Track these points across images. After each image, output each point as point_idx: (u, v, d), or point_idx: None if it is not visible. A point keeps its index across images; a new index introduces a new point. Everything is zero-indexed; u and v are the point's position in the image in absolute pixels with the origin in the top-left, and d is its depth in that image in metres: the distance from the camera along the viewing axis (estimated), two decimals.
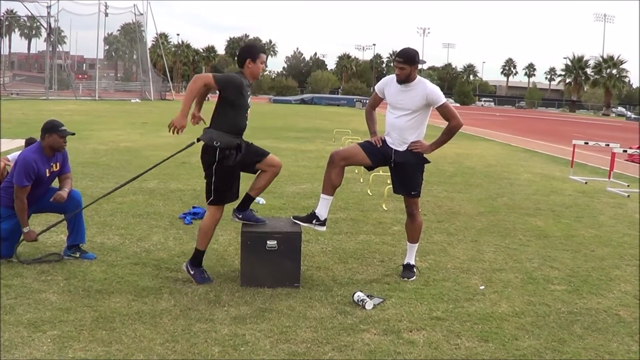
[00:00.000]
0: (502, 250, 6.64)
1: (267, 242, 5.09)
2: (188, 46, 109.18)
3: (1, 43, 55.57)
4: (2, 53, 55.83)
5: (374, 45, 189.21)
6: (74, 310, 4.42)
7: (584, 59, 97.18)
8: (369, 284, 5.31)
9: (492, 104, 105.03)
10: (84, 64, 74.57)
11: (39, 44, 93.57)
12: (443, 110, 5.27)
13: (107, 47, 64.12)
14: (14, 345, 3.82)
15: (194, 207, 7.74)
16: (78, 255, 5.64)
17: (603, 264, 6.30)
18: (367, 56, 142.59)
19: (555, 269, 6.02)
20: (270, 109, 46.45)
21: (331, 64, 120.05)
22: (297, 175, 11.38)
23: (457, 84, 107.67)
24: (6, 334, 3.97)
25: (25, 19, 67.65)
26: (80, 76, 62.07)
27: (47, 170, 5.46)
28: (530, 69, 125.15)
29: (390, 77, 5.42)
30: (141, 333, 4.08)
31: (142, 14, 53.39)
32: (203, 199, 5.40)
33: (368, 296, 4.83)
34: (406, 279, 5.46)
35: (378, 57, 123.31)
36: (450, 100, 70.21)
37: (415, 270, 5.61)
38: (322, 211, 5.37)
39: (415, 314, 4.66)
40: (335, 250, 6.35)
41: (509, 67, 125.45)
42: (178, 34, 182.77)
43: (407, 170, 5.39)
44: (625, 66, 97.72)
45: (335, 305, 4.76)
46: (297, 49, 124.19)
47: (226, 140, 4.98)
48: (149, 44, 65.75)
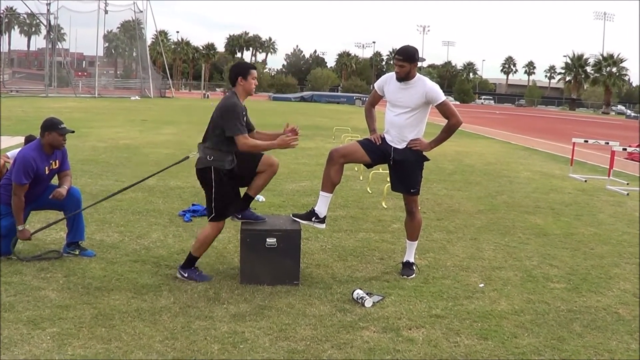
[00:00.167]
0: (501, 248, 6.64)
1: (267, 239, 5.09)
2: (188, 44, 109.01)
3: (1, 40, 55.57)
4: (1, 50, 55.88)
5: (374, 43, 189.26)
6: (74, 307, 4.42)
7: (584, 57, 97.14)
8: (368, 282, 5.31)
9: (492, 102, 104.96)
10: (84, 62, 74.60)
11: (39, 42, 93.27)
12: (442, 108, 5.26)
13: (107, 44, 64.20)
14: (14, 343, 3.82)
15: (193, 205, 7.74)
16: (77, 252, 5.64)
17: (602, 262, 6.30)
18: (367, 54, 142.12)
19: (555, 267, 6.02)
20: (269, 106, 46.42)
21: (331, 62, 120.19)
22: (297, 172, 11.38)
23: (456, 82, 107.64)
24: (6, 331, 3.97)
25: (25, 16, 67.59)
26: (79, 73, 62.03)
27: (46, 167, 5.46)
28: (530, 67, 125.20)
29: (390, 75, 5.42)
30: (140, 330, 4.09)
31: (141, 12, 53.49)
32: (203, 196, 5.40)
33: (367, 294, 4.83)
34: (405, 276, 5.46)
35: (378, 54, 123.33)
36: (450, 98, 70.10)
37: (414, 267, 5.61)
38: (321, 209, 5.37)
39: (415, 311, 4.66)
40: (334, 247, 6.35)
41: (508, 65, 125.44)
42: (178, 32, 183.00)
43: (406, 168, 5.39)
44: (625, 64, 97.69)
45: (335, 302, 4.76)
46: (297, 46, 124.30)
47: (220, 157, 5.00)
48: (149, 41, 65.86)
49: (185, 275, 5.17)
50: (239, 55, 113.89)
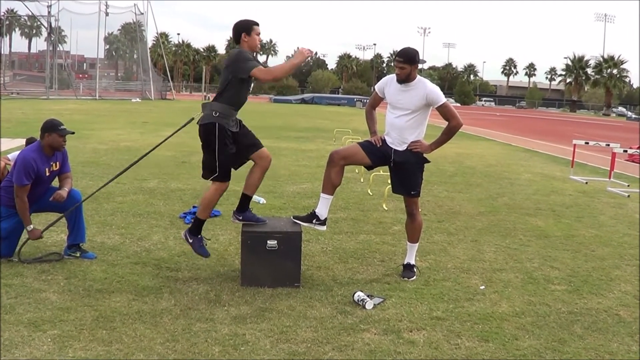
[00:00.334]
0: (502, 250, 6.64)
1: (268, 241, 5.09)
2: (188, 45, 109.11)
3: (1, 42, 55.62)
4: (2, 52, 55.94)
5: (375, 45, 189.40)
6: (74, 309, 4.42)
7: (585, 58, 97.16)
8: (369, 284, 5.31)
9: (493, 103, 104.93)
10: (85, 64, 74.67)
11: (40, 44, 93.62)
12: (443, 110, 5.27)
13: (108, 46, 64.16)
14: (14, 345, 3.82)
15: (194, 207, 7.73)
16: (78, 254, 5.64)
17: (603, 264, 6.30)
18: (368, 56, 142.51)
19: (556, 269, 6.02)
20: (270, 108, 46.45)
21: (332, 64, 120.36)
22: (297, 174, 11.38)
23: (457, 83, 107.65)
24: (6, 333, 3.97)
25: (26, 18, 67.60)
26: (80, 75, 62.13)
27: (46, 169, 5.46)
28: (531, 69, 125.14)
29: (391, 77, 5.42)
30: (141, 332, 4.09)
31: (142, 14, 53.46)
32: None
33: (368, 296, 4.83)
34: (406, 278, 5.46)
35: (378, 56, 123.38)
36: (451, 100, 70.27)
37: (415, 270, 5.61)
38: (322, 211, 5.37)
39: (416, 313, 4.66)
40: (335, 250, 6.35)
41: (509, 67, 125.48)
42: (178, 34, 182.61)
43: (406, 170, 5.39)
44: (626, 66, 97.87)
45: (336, 305, 4.76)
46: (298, 48, 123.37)
47: (225, 111, 4.99)
48: (150, 43, 65.88)
49: (190, 241, 5.21)
50: None
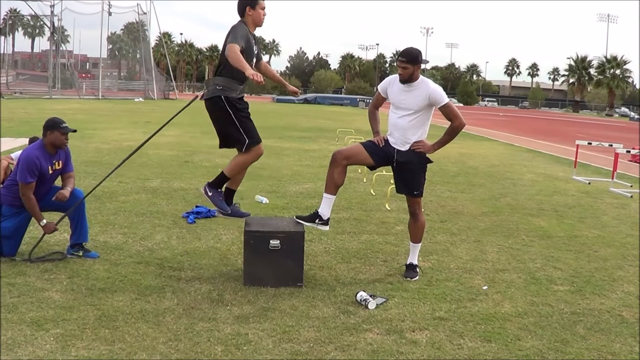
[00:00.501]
0: (505, 251, 6.63)
1: (270, 241, 5.09)
2: (191, 45, 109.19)
3: (5, 42, 55.69)
4: (5, 52, 56.05)
5: (377, 45, 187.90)
6: (77, 308, 4.43)
7: (588, 59, 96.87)
8: (371, 284, 5.31)
9: (496, 104, 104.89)
10: (87, 63, 74.76)
11: (43, 43, 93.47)
12: (445, 110, 5.26)
13: (111, 46, 64.36)
14: (17, 344, 3.82)
15: (197, 206, 7.74)
16: (81, 254, 5.65)
17: (606, 264, 6.29)
18: (371, 56, 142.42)
19: (558, 270, 6.01)
20: (273, 108, 46.48)
21: (334, 64, 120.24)
22: (300, 174, 11.38)
23: (460, 83, 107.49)
24: (9, 332, 3.98)
25: (29, 18, 67.86)
26: (83, 75, 62.26)
27: (49, 167, 5.47)
28: (534, 69, 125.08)
29: (393, 77, 5.42)
30: (144, 332, 4.09)
31: (145, 13, 53.50)
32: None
33: (371, 296, 4.82)
34: (409, 278, 5.46)
35: (381, 56, 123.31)
36: (453, 100, 70.14)
37: (418, 270, 5.61)
38: (325, 210, 5.37)
39: (418, 313, 4.66)
40: (338, 249, 6.35)
41: (512, 67, 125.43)
42: (181, 33, 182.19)
43: (409, 170, 5.39)
44: (629, 66, 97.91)
45: (338, 304, 4.76)
46: (301, 48, 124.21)
47: (229, 85, 4.99)
48: (153, 43, 65.94)
49: (210, 194, 5.23)
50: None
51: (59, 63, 50.49)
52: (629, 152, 13.53)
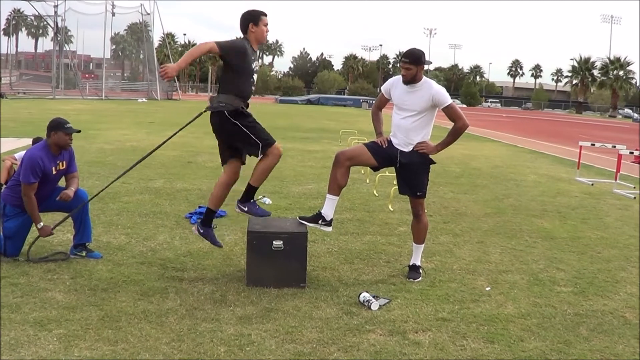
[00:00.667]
0: (508, 252, 6.62)
1: (273, 242, 5.09)
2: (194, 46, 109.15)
3: (8, 42, 55.83)
4: (8, 52, 56.19)
5: (381, 45, 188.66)
6: (80, 309, 4.43)
7: (591, 60, 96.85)
8: (374, 285, 5.31)
9: (499, 105, 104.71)
10: (91, 64, 74.75)
11: (46, 43, 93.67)
12: (449, 112, 5.27)
13: (114, 46, 64.29)
14: (20, 344, 3.83)
15: (200, 207, 7.74)
16: (84, 254, 5.65)
17: (609, 265, 6.28)
18: (374, 57, 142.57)
19: (562, 271, 6.01)
20: (276, 109, 46.48)
21: (338, 65, 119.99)
22: (303, 175, 11.39)
23: (463, 84, 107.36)
24: (12, 332, 3.98)
25: (32, 18, 67.82)
26: (87, 75, 62.21)
27: (53, 168, 5.48)
28: (537, 70, 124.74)
29: (397, 78, 5.42)
30: (147, 332, 4.09)
31: (149, 14, 53.48)
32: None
33: (374, 297, 4.82)
34: (412, 279, 5.46)
35: (384, 57, 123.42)
36: (457, 101, 70.13)
37: (421, 271, 5.61)
38: (328, 211, 5.38)
39: (421, 314, 4.65)
40: (341, 250, 6.35)
41: (515, 68, 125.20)
42: (185, 34, 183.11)
43: (412, 171, 5.39)
44: (632, 68, 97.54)
45: (341, 305, 4.76)
46: (304, 49, 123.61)
47: (232, 102, 4.98)
48: (156, 43, 65.93)
49: (245, 209, 5.22)
50: None
51: (63, 63, 50.53)
52: (632, 153, 13.50)
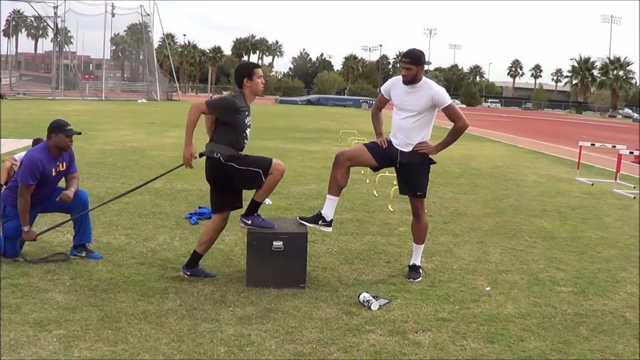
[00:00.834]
0: (508, 252, 6.62)
1: (273, 242, 5.09)
2: (194, 47, 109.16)
3: (5, 42, 55.85)
4: (8, 53, 56.19)
5: (381, 46, 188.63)
6: (80, 309, 4.43)
7: (591, 60, 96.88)
8: (374, 285, 5.31)
9: (499, 105, 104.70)
10: (91, 64, 74.79)
11: (46, 44, 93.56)
12: (449, 112, 5.27)
13: (114, 47, 64.28)
14: (20, 345, 3.83)
15: (200, 207, 7.75)
16: (84, 254, 5.65)
17: (609, 265, 6.28)
18: (374, 57, 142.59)
19: (562, 271, 6.01)
20: (276, 109, 46.49)
21: (337, 65, 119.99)
22: (303, 176, 11.39)
23: (463, 85, 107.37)
24: (12, 333, 3.98)
25: (32, 19, 67.76)
26: (86, 76, 62.23)
27: (53, 169, 5.47)
28: (537, 70, 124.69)
29: (397, 78, 5.42)
30: (147, 332, 4.09)
31: (148, 15, 53.48)
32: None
33: (374, 297, 4.82)
34: (412, 279, 5.46)
35: (384, 58, 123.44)
36: (457, 102, 70.14)
37: (421, 271, 5.61)
38: (328, 212, 5.38)
39: (421, 315, 4.65)
40: (341, 251, 6.35)
41: (515, 68, 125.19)
42: (184, 35, 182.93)
43: (412, 171, 5.39)
44: (632, 67, 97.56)
45: (341, 305, 4.76)
46: (304, 49, 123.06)
47: (224, 151, 4.99)
48: (156, 44, 65.94)
49: (249, 222, 5.20)
50: (245, 58, 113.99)
51: (62, 64, 50.54)
52: (632, 153, 13.51)
